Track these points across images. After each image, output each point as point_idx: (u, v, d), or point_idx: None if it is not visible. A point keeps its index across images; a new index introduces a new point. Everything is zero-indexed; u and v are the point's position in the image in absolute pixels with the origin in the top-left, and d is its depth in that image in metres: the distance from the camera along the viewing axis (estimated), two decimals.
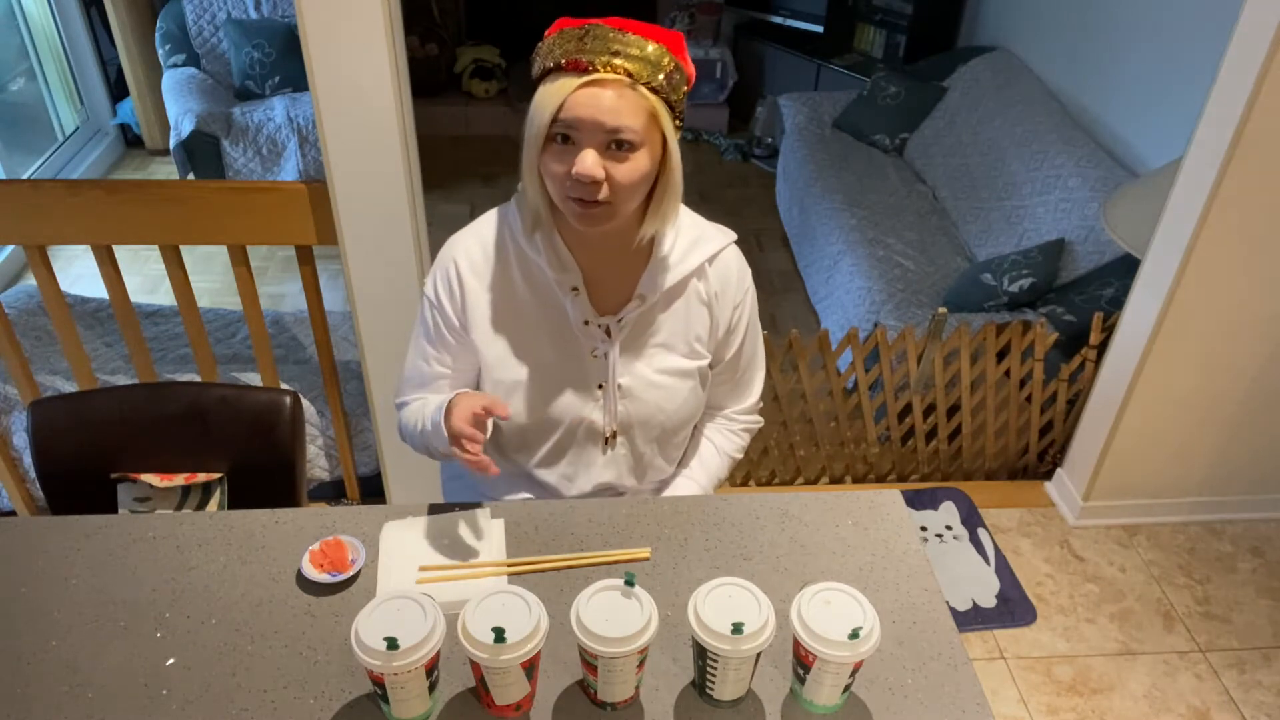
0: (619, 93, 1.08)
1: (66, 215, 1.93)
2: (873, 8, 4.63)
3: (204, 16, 4.36)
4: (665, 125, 1.12)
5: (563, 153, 1.11)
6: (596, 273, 1.26)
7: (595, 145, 1.09)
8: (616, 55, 1.08)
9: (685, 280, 1.29)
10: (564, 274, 1.24)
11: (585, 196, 1.12)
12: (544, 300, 1.27)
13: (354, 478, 2.47)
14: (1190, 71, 2.81)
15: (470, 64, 5.06)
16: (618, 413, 1.32)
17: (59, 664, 1.07)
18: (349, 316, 2.59)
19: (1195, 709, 2.05)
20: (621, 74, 1.08)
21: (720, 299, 1.32)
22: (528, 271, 1.26)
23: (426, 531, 1.25)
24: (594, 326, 1.26)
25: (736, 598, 1.00)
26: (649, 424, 1.34)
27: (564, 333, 1.27)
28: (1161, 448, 2.41)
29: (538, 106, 1.10)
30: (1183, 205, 2.07)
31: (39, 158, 4.20)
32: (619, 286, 1.27)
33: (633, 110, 1.09)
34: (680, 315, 1.30)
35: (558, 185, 1.13)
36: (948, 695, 1.06)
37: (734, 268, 1.33)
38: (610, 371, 1.29)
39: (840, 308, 3.18)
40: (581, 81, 1.07)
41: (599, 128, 1.08)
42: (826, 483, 2.69)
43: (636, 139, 1.10)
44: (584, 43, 1.08)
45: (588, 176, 1.09)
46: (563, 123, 1.09)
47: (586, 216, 1.14)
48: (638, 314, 1.27)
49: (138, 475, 1.51)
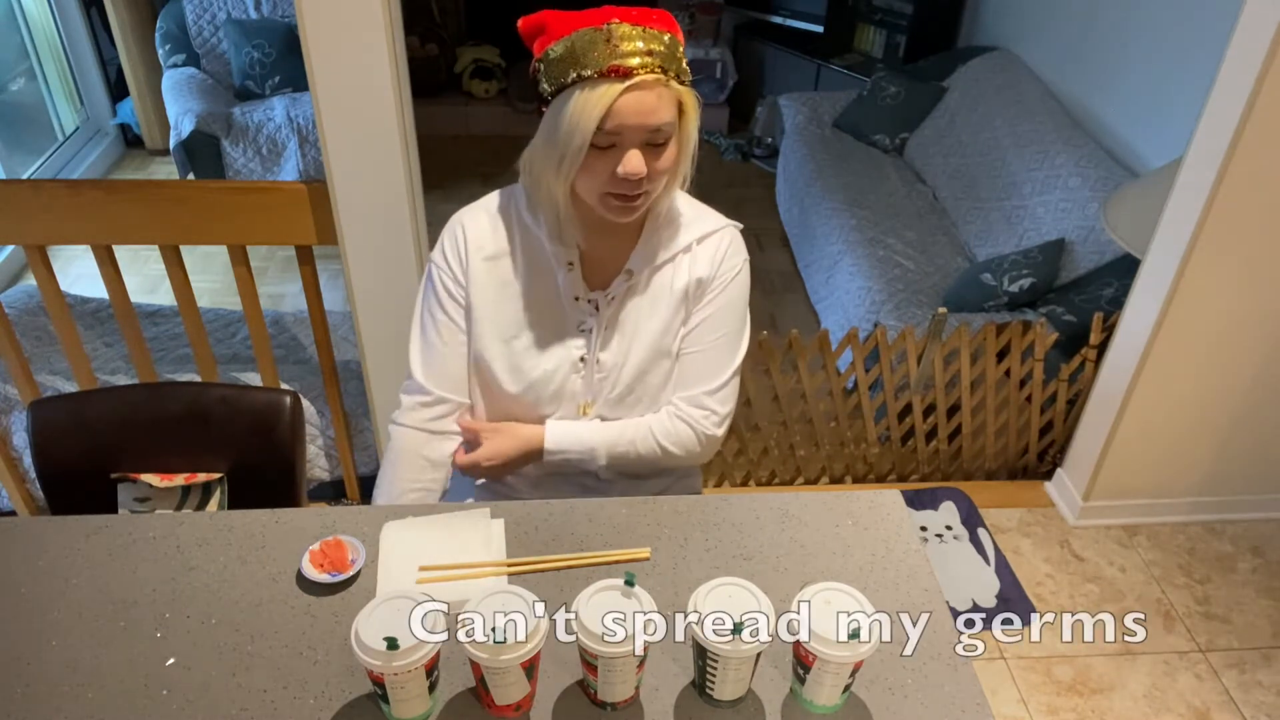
0: (657, 91, 1.11)
1: (66, 215, 1.93)
2: (873, 8, 4.63)
3: (204, 16, 4.36)
4: (688, 107, 1.16)
5: (602, 155, 1.13)
6: (592, 249, 1.29)
7: (638, 144, 1.13)
8: (650, 54, 1.09)
9: (674, 258, 1.31)
10: (563, 248, 1.27)
11: (630, 192, 1.15)
12: (539, 273, 1.30)
13: (354, 478, 2.47)
14: (1190, 71, 2.81)
15: (470, 64, 5.06)
16: (596, 385, 1.34)
17: (59, 664, 1.07)
18: (349, 316, 2.59)
19: (1195, 709, 2.05)
20: (659, 73, 1.10)
21: (705, 280, 1.32)
22: (528, 245, 1.29)
23: (426, 531, 1.25)
24: (583, 301, 1.30)
25: (736, 598, 1.00)
26: (624, 399, 1.35)
27: (554, 306, 1.30)
28: (1161, 448, 2.41)
29: (578, 115, 1.09)
30: (1183, 205, 2.07)
31: (39, 158, 4.20)
32: (610, 262, 1.30)
33: (668, 105, 1.12)
34: (664, 293, 1.32)
35: (598, 186, 1.16)
36: (948, 695, 1.06)
37: (724, 248, 1.32)
38: (593, 345, 1.31)
39: (840, 308, 3.18)
40: (625, 87, 1.08)
41: (643, 130, 1.11)
42: (826, 483, 2.69)
43: (671, 131, 1.14)
44: (613, 44, 1.08)
45: (637, 175, 1.13)
46: (607, 131, 1.10)
47: (628, 209, 1.18)
48: (625, 289, 1.30)
49: (138, 475, 1.51)
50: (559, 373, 1.32)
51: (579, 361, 1.32)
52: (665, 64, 1.10)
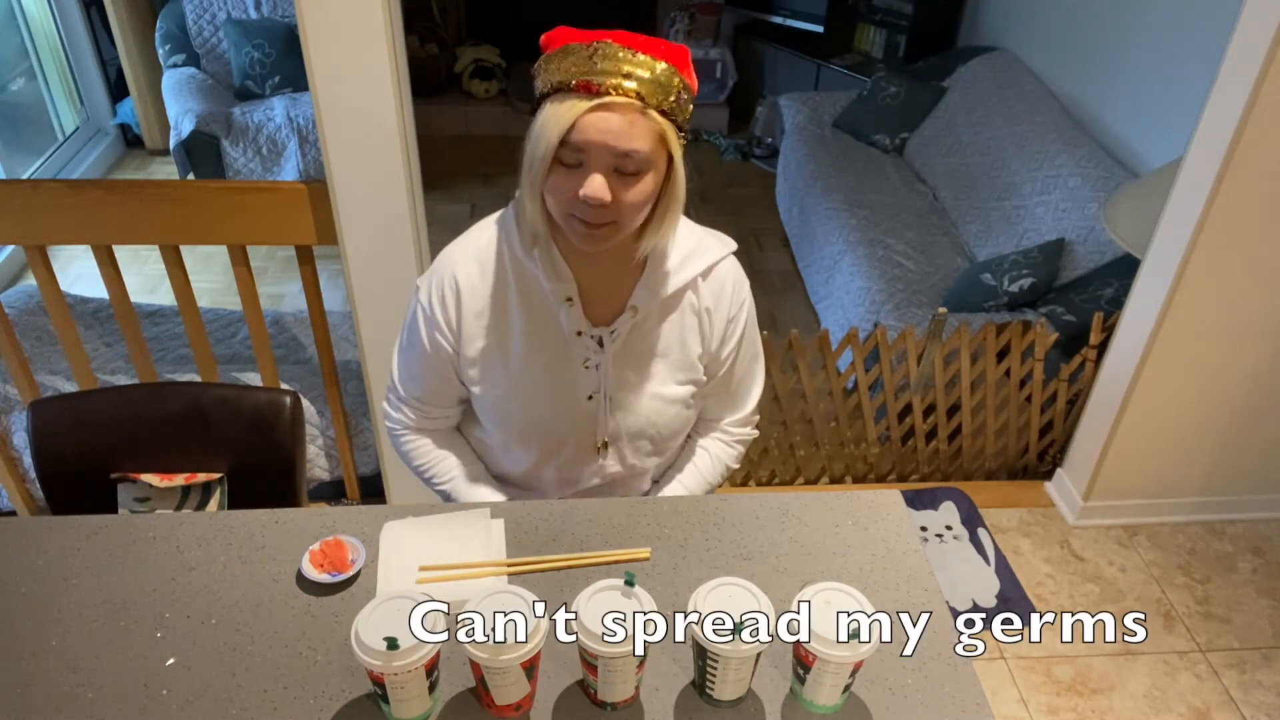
0: (629, 117, 1.05)
1: (66, 215, 1.93)
2: (873, 8, 4.63)
3: (204, 16, 4.36)
4: (673, 146, 1.10)
5: (569, 174, 1.09)
6: (591, 284, 1.24)
7: (603, 168, 1.07)
8: (628, 78, 1.05)
9: (680, 293, 1.27)
10: (559, 284, 1.22)
11: (591, 219, 1.10)
12: (538, 310, 1.25)
13: (354, 478, 2.47)
14: (1190, 71, 2.81)
15: (470, 64, 5.07)
16: (609, 423, 1.31)
17: (59, 664, 1.07)
18: (349, 316, 2.59)
19: (1195, 709, 2.05)
20: (633, 97, 1.05)
21: (714, 312, 1.30)
22: (523, 281, 1.24)
23: (426, 531, 1.25)
24: (586, 337, 1.25)
25: (736, 598, 1.00)
26: (640, 435, 1.33)
27: (557, 343, 1.26)
28: (1161, 448, 2.41)
29: (545, 126, 1.07)
30: (1183, 205, 2.07)
31: (39, 158, 4.20)
32: (613, 298, 1.25)
33: (642, 134, 1.06)
34: (674, 328, 1.29)
35: (562, 205, 1.11)
36: (948, 695, 1.06)
37: (729, 280, 1.31)
38: (602, 382, 1.28)
39: (840, 308, 3.19)
40: (592, 105, 1.04)
41: (608, 151, 1.06)
42: (826, 483, 2.69)
43: (644, 162, 1.08)
44: (594, 62, 1.05)
45: (596, 200, 1.07)
46: (571, 145, 1.06)
47: (590, 237, 1.12)
48: (630, 325, 1.25)
49: (138, 475, 1.51)
50: (569, 410, 1.29)
51: (587, 400, 1.29)
52: (645, 92, 1.05)
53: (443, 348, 1.28)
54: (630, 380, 1.29)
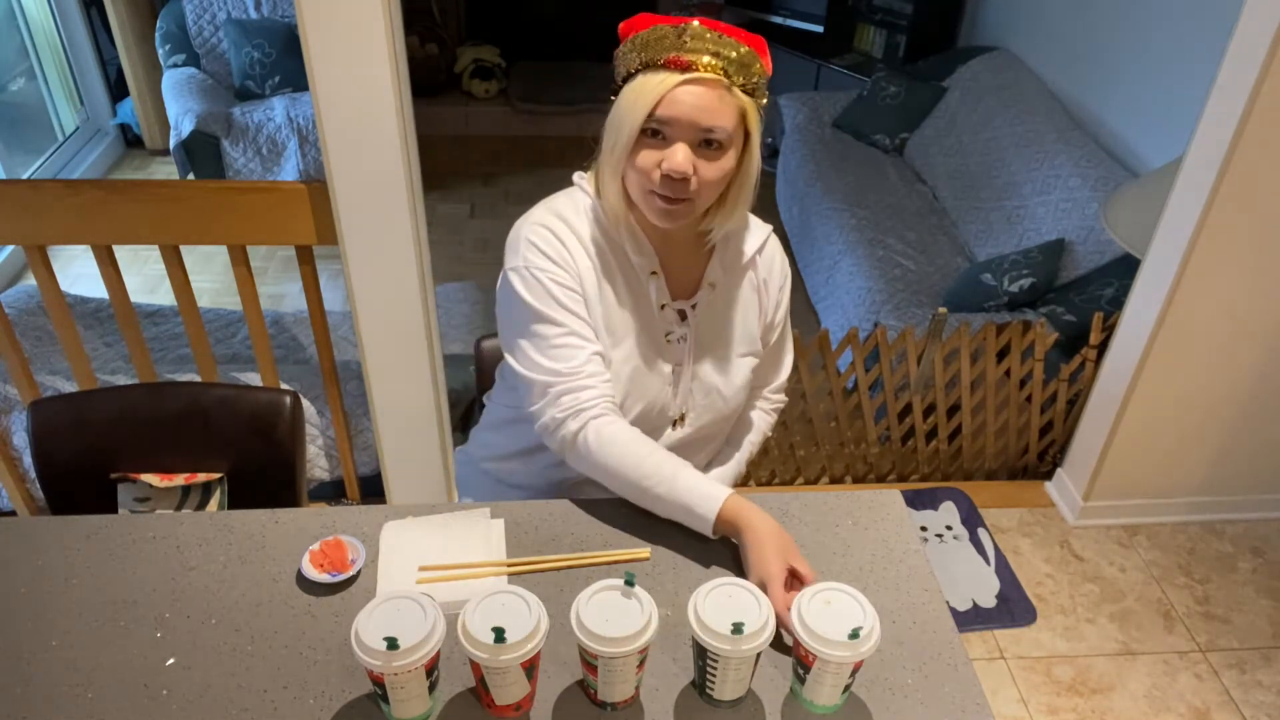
0: (717, 92, 1.11)
1: (66, 215, 1.93)
2: (873, 8, 4.63)
3: (204, 16, 4.36)
4: (752, 125, 1.16)
5: (653, 147, 1.13)
6: (667, 260, 1.28)
7: (687, 142, 1.12)
8: (716, 55, 1.10)
9: (744, 269, 1.33)
10: (643, 258, 1.26)
11: (672, 193, 1.13)
12: (627, 282, 1.27)
13: (354, 478, 2.47)
14: (1190, 71, 2.81)
15: (470, 64, 5.06)
16: (690, 397, 1.34)
17: (59, 664, 1.07)
18: (349, 316, 2.59)
19: (1195, 709, 2.05)
20: (720, 74, 1.10)
21: (768, 286, 1.37)
22: (605, 258, 1.25)
23: (426, 531, 1.25)
24: (671, 310, 1.29)
25: (736, 598, 1.00)
26: (712, 407, 1.36)
27: (644, 315, 1.29)
28: (1162, 448, 2.41)
29: (633, 100, 1.11)
30: (1183, 205, 2.07)
31: (39, 158, 4.20)
32: (686, 275, 1.30)
33: (727, 110, 1.11)
34: (740, 302, 1.35)
35: (643, 179, 1.15)
36: (948, 695, 1.06)
37: (777, 256, 1.39)
38: (687, 355, 1.31)
39: (840, 308, 3.19)
40: (682, 79, 1.09)
41: (694, 126, 1.11)
42: (826, 483, 2.69)
43: (726, 139, 1.13)
44: (683, 40, 1.10)
45: (679, 172, 1.11)
46: (659, 119, 1.11)
47: (669, 213, 1.16)
48: (708, 300, 1.31)
49: (138, 475, 1.51)
50: (656, 384, 1.31)
51: (670, 372, 1.31)
52: (730, 70, 1.10)
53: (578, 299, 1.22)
54: (706, 354, 1.33)
